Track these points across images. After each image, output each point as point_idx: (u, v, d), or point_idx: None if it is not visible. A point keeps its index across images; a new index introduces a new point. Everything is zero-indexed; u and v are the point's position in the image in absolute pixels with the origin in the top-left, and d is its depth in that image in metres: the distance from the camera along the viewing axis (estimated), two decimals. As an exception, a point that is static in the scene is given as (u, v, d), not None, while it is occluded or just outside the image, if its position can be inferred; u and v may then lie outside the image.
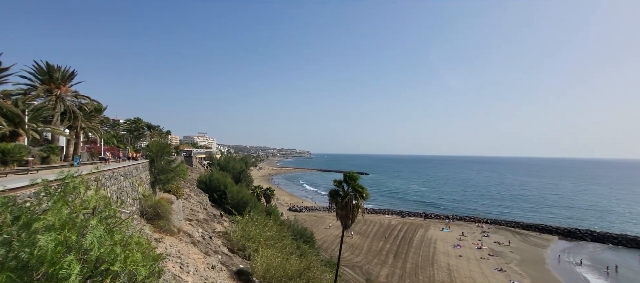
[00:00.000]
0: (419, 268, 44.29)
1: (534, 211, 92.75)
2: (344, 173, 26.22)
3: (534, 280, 40.58)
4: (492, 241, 57.12)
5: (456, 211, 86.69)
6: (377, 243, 55.39)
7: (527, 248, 54.50)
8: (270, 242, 22.45)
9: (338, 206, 24.94)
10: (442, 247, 53.48)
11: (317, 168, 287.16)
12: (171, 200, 20.42)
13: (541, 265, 46.29)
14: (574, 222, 74.57)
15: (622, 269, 44.75)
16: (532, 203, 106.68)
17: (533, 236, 62.21)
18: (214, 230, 24.49)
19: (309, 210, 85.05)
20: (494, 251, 51.84)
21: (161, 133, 48.47)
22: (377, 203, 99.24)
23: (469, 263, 46.49)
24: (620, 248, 55.71)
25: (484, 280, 40.46)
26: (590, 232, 62.92)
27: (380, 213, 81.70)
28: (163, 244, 14.04)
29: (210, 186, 38.62)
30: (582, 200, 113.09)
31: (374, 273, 41.63)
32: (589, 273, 43.78)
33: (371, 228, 65.34)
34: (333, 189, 26.00)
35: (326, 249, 50.18)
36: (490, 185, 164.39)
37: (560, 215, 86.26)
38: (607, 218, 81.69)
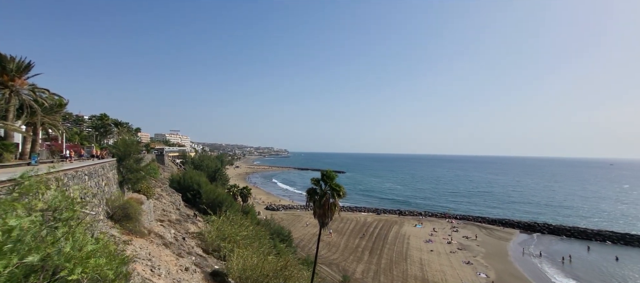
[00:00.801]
0: (393, 263, 45.64)
1: (498, 206, 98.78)
2: (322, 172, 26.40)
3: (498, 271, 43.25)
4: (461, 236, 60.14)
5: (429, 208, 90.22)
6: (353, 241, 56.33)
7: (492, 241, 58.00)
8: (246, 242, 22.15)
9: (315, 205, 25.10)
10: (415, 243, 55.47)
11: (294, 167, 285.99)
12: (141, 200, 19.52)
13: (505, 258, 49.48)
14: (533, 216, 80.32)
15: (575, 259, 49.03)
16: (497, 199, 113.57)
17: (497, 230, 66.29)
18: (188, 230, 23.72)
19: (286, 208, 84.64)
20: (463, 245, 54.65)
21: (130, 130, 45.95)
22: (354, 201, 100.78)
23: (440, 257, 48.64)
24: (572, 239, 60.88)
25: (453, 273, 42.51)
26: (547, 225, 68.19)
27: (356, 211, 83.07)
28: (132, 246, 13.42)
29: (184, 186, 37.29)
30: (540, 196, 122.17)
31: (350, 270, 42.36)
32: (547, 264, 47.44)
33: (348, 226, 66.31)
34: (310, 188, 26.12)
35: (303, 247, 50.30)
36: (460, 183, 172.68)
37: (522, 209, 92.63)
38: (561, 212, 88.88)
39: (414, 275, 41.43)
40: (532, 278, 41.57)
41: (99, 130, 39.50)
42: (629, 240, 58.61)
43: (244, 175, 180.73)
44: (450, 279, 40.32)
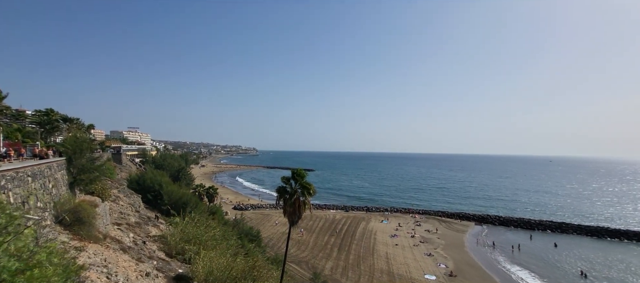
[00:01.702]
0: (360, 258, 46.95)
1: (456, 201, 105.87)
2: (292, 171, 26.38)
3: (456, 261, 46.43)
4: (423, 230, 63.55)
5: (394, 204, 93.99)
6: (322, 238, 56.97)
7: (451, 234, 62.07)
8: (213, 243, 21.45)
9: (286, 203, 25.06)
10: (381, 238, 57.54)
11: (263, 166, 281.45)
12: (95, 202, 18.05)
13: (461, 248, 53.22)
14: (485, 209, 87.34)
15: (521, 247, 54.16)
16: (455, 194, 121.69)
17: (455, 223, 71.05)
18: (148, 234, 22.39)
19: (255, 208, 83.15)
20: (424, 238, 57.81)
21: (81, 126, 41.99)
22: (323, 199, 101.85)
23: (404, 250, 51.00)
24: (519, 229, 67.20)
25: (416, 265, 44.84)
26: (497, 217, 74.57)
27: (325, 209, 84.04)
28: (85, 253, 12.40)
29: (144, 186, 35.04)
30: (492, 191, 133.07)
31: (319, 267, 42.82)
32: (498, 253, 51.86)
33: (317, 224, 66.88)
34: (280, 186, 26.01)
35: (272, 247, 49.85)
36: (423, 180, 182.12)
37: (476, 203, 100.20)
38: (509, 205, 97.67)
39: (381, 269, 42.99)
40: (485, 267, 45.20)
41: (45, 127, 35.56)
42: (565, 228, 66.13)
43: (210, 174, 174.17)
44: (414, 271, 42.46)
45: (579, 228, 65.74)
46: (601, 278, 41.56)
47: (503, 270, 44.51)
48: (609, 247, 55.44)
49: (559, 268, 45.06)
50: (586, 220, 75.58)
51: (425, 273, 41.36)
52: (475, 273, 42.66)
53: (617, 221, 74.69)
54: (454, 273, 41.48)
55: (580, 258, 49.36)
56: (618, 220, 76.38)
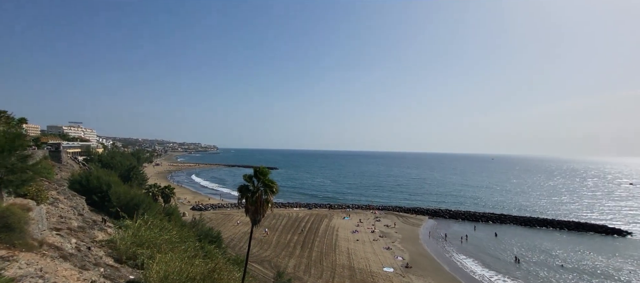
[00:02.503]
0: (323, 255, 47.75)
1: (412, 196, 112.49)
2: (254, 168, 25.93)
3: (412, 253, 49.43)
4: (382, 225, 66.52)
5: (355, 201, 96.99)
6: (285, 236, 56.83)
7: (407, 228, 65.87)
8: (169, 246, 20.33)
9: (248, 202, 24.57)
10: (343, 234, 59.06)
11: (224, 164, 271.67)
12: (28, 206, 16.04)
13: (416, 241, 56.78)
14: (438, 204, 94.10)
15: (469, 238, 59.38)
16: (411, 190, 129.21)
17: (411, 217, 75.50)
18: (94, 239, 20.45)
19: (215, 208, 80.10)
20: (384, 233, 60.60)
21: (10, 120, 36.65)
22: (287, 197, 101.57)
23: (364, 245, 52.97)
24: (466, 222, 73.56)
25: (375, 259, 46.84)
26: (448, 211, 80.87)
27: (289, 207, 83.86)
28: (16, 263, 11.04)
29: (88, 187, 31.78)
30: (443, 186, 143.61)
31: (282, 266, 42.69)
32: (449, 244, 56.26)
33: (280, 222, 66.50)
34: (242, 184, 25.44)
35: (234, 247, 48.55)
36: (382, 177, 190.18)
37: (430, 199, 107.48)
38: (458, 199, 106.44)
39: (342, 264, 44.18)
40: (436, 257, 48.80)
41: (-39, 120, 30.38)
42: (503, 219, 73.96)
43: (165, 173, 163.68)
44: (373, 264, 44.32)
45: (515, 219, 74.04)
46: (530, 262, 47.27)
47: (452, 259, 48.45)
48: (538, 235, 63.23)
49: (498, 256, 50.33)
50: (521, 211, 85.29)
51: (384, 266, 43.40)
52: (428, 263, 45.84)
53: (545, 212, 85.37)
54: (409, 264, 44.11)
55: (515, 245, 55.60)
56: (546, 211, 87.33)
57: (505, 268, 44.98)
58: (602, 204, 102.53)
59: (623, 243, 57.93)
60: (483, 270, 44.08)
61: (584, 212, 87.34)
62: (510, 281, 40.61)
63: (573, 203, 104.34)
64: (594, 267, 45.88)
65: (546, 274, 42.84)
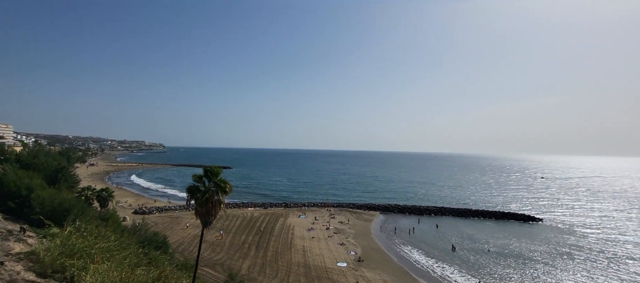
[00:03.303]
0: (278, 254, 47.61)
1: (365, 193, 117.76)
2: (204, 168, 24.93)
3: (364, 247, 51.87)
4: (337, 222, 68.53)
5: (311, 199, 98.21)
6: (239, 237, 55.34)
7: (360, 223, 68.86)
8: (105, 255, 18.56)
9: (198, 203, 23.53)
10: (298, 232, 59.50)
11: (172, 163, 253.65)
12: None
13: (368, 235, 59.70)
14: (388, 200, 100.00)
15: (415, 230, 64.20)
16: (364, 187, 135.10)
17: (364, 213, 79.07)
18: (9, 251, 17.74)
19: (161, 210, 74.51)
20: (338, 229, 62.51)
21: None
22: (241, 197, 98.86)
23: (319, 242, 54.08)
24: (412, 215, 79.40)
25: (330, 255, 48.16)
26: (397, 206, 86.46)
27: (243, 207, 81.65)
28: None
29: (3, 192, 27.32)
30: (393, 183, 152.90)
31: (235, 268, 41.57)
32: (398, 237, 60.17)
33: (233, 223, 64.49)
34: (192, 185, 24.28)
35: (183, 251, 45.87)
36: (337, 175, 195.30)
37: (381, 195, 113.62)
38: (406, 195, 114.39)
39: (298, 262, 44.57)
40: (386, 250, 51.95)
41: None
42: (444, 212, 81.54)
43: (102, 175, 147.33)
44: (328, 261, 45.53)
45: (453, 211, 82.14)
46: (464, 249, 52.97)
47: (399, 251, 52.02)
48: (472, 224, 71.02)
49: (438, 245, 55.41)
50: (458, 204, 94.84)
51: (338, 261, 44.87)
52: (378, 256, 48.57)
53: (478, 204, 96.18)
54: (361, 258, 46.26)
55: (453, 235, 61.70)
56: (478, 203, 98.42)
57: (444, 255, 49.76)
58: (522, 195, 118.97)
59: (536, 229, 68.09)
60: (425, 259, 48.18)
61: (508, 203, 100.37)
62: (447, 267, 45.03)
63: (500, 195, 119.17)
64: (514, 249, 53.16)
65: (476, 258, 48.44)
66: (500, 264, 46.27)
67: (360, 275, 40.16)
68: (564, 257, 49.41)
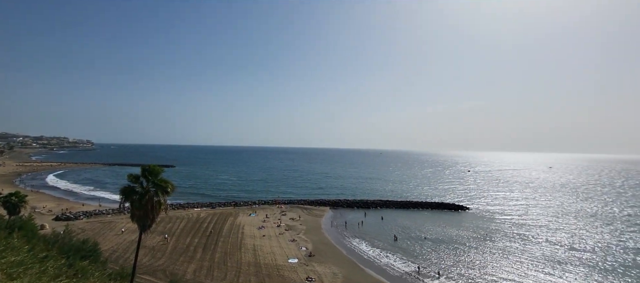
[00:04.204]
0: (227, 255, 46.11)
1: (316, 189, 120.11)
2: (142, 167, 23.17)
3: (315, 243, 53.08)
4: (288, 218, 68.77)
5: (262, 197, 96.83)
6: (184, 240, 52.12)
7: (311, 219, 70.17)
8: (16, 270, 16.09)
9: (134, 206, 21.79)
10: (249, 231, 58.30)
11: (102, 163, 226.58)
12: None
13: (319, 231, 61.21)
14: (338, 195, 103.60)
15: (363, 223, 67.65)
16: (315, 184, 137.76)
17: (315, 209, 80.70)
18: None
19: (91, 215, 66.32)
20: (289, 226, 62.84)
21: None
22: (186, 197, 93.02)
23: (270, 240, 53.77)
24: (360, 209, 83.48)
25: (281, 252, 48.25)
26: (346, 201, 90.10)
27: (188, 208, 76.95)
28: None
29: None
30: (343, 179, 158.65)
31: (179, 273, 39.19)
32: (348, 231, 62.71)
33: (177, 225, 60.44)
34: (127, 186, 22.40)
35: (117, 259, 41.60)
36: (288, 172, 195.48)
37: (332, 190, 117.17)
38: (354, 190, 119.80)
39: (248, 262, 43.76)
40: (335, 243, 53.93)
41: None
42: (388, 204, 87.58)
43: (11, 176, 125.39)
44: (279, 258, 45.58)
45: (396, 203, 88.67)
46: (405, 238, 57.71)
47: (348, 244, 54.44)
48: (412, 215, 77.56)
49: (383, 236, 59.38)
50: (401, 197, 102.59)
51: (289, 258, 45.23)
52: (328, 250, 50.18)
53: (417, 196, 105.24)
54: (312, 253, 47.31)
55: (396, 226, 66.64)
56: (418, 195, 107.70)
57: (388, 245, 53.57)
58: (454, 187, 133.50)
59: (465, 216, 77.23)
60: (372, 250, 51.29)
61: (442, 194, 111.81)
62: (391, 255, 48.62)
63: (436, 187, 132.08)
64: (447, 235, 59.62)
65: (415, 246, 53.19)
66: (436, 250, 51.53)
67: (311, 270, 41.13)
68: (487, 240, 57.02)
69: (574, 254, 49.59)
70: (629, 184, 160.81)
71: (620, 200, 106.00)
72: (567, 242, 55.97)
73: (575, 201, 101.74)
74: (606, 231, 64.74)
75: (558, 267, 44.03)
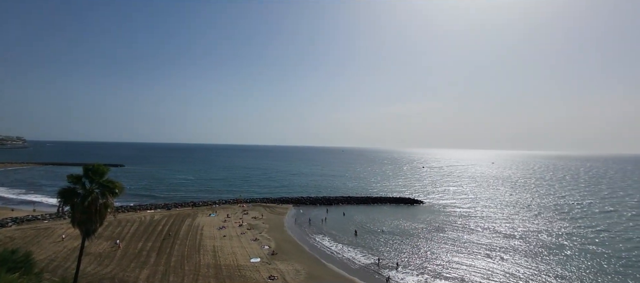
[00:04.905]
0: (185, 258, 43.99)
1: (280, 187, 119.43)
2: (85, 167, 21.26)
3: (277, 241, 52.87)
4: (250, 218, 67.53)
5: (223, 196, 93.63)
6: (135, 245, 48.55)
7: (273, 217, 69.70)
8: None
9: (76, 209, 19.95)
10: (208, 232, 56.15)
11: (38, 162, 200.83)
12: None
13: (282, 229, 61.07)
14: (300, 193, 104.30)
15: (326, 220, 68.90)
16: (279, 181, 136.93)
17: (278, 207, 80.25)
18: None
19: (22, 222, 58.69)
20: (251, 225, 61.77)
21: None
22: (139, 199, 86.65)
23: (232, 240, 52.40)
24: (322, 206, 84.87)
25: (242, 252, 47.29)
26: (309, 198, 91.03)
27: (141, 210, 71.72)
28: None
29: None
30: (307, 176, 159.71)
31: (130, 279, 36.52)
32: (311, 227, 63.41)
33: (128, 229, 56.05)
34: (66, 187, 20.41)
35: (56, 269, 37.50)
36: (251, 170, 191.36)
37: (295, 188, 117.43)
38: (317, 187, 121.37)
39: (207, 264, 42.19)
40: (299, 240, 54.31)
41: None
42: (350, 201, 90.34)
43: None
44: (240, 258, 44.65)
45: (357, 199, 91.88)
46: (364, 232, 60.11)
47: (311, 240, 55.17)
48: (371, 210, 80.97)
49: (344, 231, 61.16)
50: (362, 192, 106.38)
51: (251, 258, 44.55)
52: (291, 248, 50.35)
53: (378, 192, 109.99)
54: (275, 251, 47.10)
55: (356, 221, 69.06)
56: (378, 191, 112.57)
57: (348, 240, 55.37)
58: (410, 182, 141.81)
59: (419, 210, 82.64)
60: (334, 245, 52.57)
61: (399, 189, 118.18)
62: (352, 250, 50.33)
63: (393, 183, 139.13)
64: (403, 228, 63.33)
65: (374, 239, 55.72)
66: (394, 242, 54.44)
67: (274, 268, 41.00)
68: (439, 231, 61.61)
69: (509, 242, 55.73)
70: (556, 177, 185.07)
71: (548, 192, 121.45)
72: (503, 230, 62.80)
73: (513, 193, 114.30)
74: (536, 218, 73.87)
75: (496, 253, 49.30)
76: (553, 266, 44.01)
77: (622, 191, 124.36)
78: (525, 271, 41.99)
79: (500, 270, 42.06)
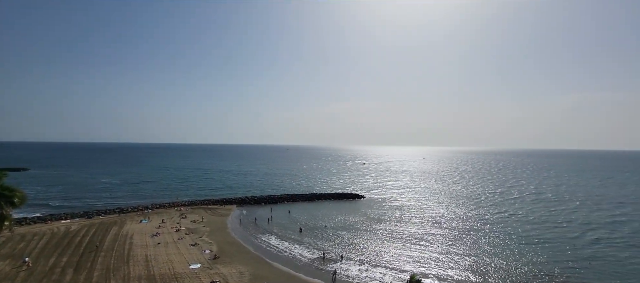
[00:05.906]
0: (110, 272, 39.39)
1: (222, 188, 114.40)
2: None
3: (219, 244, 50.81)
4: (189, 221, 63.42)
5: (157, 200, 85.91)
6: (45, 261, 41.63)
7: (215, 219, 66.69)
8: None
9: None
10: (139, 240, 51.11)
11: None
12: None
13: (224, 231, 58.84)
14: (244, 192, 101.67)
15: (271, 218, 68.45)
16: (220, 182, 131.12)
17: (220, 208, 76.92)
18: None
19: None
20: (190, 229, 58.11)
21: None
22: (48, 208, 74.18)
23: (167, 247, 48.60)
24: (267, 205, 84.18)
25: (180, 259, 44.29)
26: (254, 198, 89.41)
27: (51, 220, 61.51)
28: None
29: None
30: (252, 175, 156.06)
31: (38, 303, 31.35)
32: (256, 227, 62.30)
33: (35, 244, 47.67)
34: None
35: None
36: (190, 171, 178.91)
37: (238, 188, 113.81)
38: (262, 187, 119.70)
39: (138, 276, 38.50)
40: (243, 242, 53.07)
41: None
42: (295, 198, 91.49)
43: None
44: (178, 265, 41.78)
45: (302, 196, 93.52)
46: (309, 229, 61.66)
47: (255, 240, 54.42)
48: (315, 206, 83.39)
49: (290, 228, 61.86)
50: (306, 190, 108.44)
51: (191, 264, 42.05)
52: (235, 249, 48.96)
53: (321, 189, 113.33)
54: (217, 255, 45.22)
55: (301, 218, 70.40)
56: (321, 188, 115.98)
57: (294, 237, 56.23)
58: (352, 178, 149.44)
59: (359, 204, 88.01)
60: (280, 243, 52.79)
61: (342, 185, 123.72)
62: (298, 247, 51.24)
63: (337, 179, 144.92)
64: (345, 222, 66.80)
65: (319, 234, 57.73)
66: (337, 236, 57.11)
67: (216, 273, 39.47)
68: (378, 223, 66.55)
69: (436, 229, 63.23)
70: (474, 169, 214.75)
71: (469, 183, 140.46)
72: (432, 219, 70.93)
73: (442, 186, 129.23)
74: (458, 207, 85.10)
75: (425, 240, 55.61)
76: (469, 245, 51.62)
77: (524, 181, 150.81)
78: (449, 252, 48.43)
79: (428, 255, 47.68)
